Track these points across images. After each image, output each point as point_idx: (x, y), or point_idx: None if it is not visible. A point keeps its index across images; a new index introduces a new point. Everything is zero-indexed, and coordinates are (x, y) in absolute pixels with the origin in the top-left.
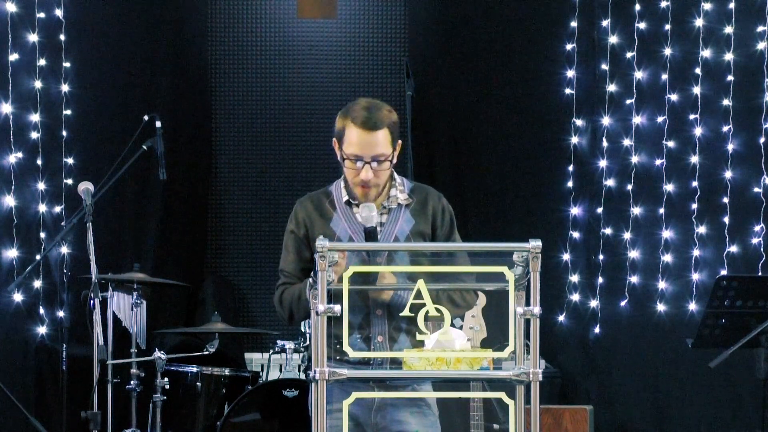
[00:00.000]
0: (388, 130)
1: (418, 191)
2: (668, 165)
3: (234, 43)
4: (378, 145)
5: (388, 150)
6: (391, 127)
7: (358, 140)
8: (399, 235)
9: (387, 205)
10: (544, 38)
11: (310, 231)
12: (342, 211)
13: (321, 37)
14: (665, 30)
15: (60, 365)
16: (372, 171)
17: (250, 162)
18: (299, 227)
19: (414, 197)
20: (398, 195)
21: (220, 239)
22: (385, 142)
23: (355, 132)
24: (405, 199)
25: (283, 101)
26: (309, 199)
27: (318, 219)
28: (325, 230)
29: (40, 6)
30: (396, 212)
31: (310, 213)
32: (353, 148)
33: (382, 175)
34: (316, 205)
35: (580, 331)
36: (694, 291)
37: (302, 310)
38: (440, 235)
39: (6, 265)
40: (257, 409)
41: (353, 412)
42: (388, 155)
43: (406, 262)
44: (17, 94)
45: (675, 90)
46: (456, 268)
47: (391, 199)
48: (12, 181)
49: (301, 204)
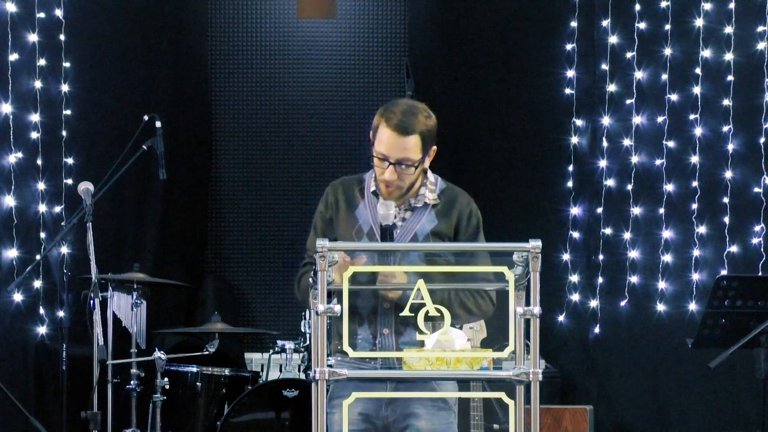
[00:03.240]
0: (419, 137)
1: (448, 192)
2: (668, 165)
3: (234, 43)
4: (406, 150)
5: (417, 156)
6: (425, 133)
7: (387, 141)
8: (419, 233)
9: (414, 203)
10: (544, 38)
11: (335, 215)
12: (368, 201)
13: (321, 37)
14: (665, 30)
15: (60, 365)
16: (396, 173)
17: (250, 162)
18: (327, 209)
19: (442, 198)
20: (427, 194)
21: (220, 239)
22: (415, 148)
23: (386, 132)
24: (433, 198)
25: (283, 101)
26: (341, 184)
27: (344, 205)
28: (349, 217)
29: (40, 6)
30: (421, 211)
31: (338, 197)
32: (382, 147)
33: (406, 178)
34: (345, 191)
35: (580, 331)
36: (694, 291)
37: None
38: (463, 238)
39: (6, 265)
40: (257, 409)
41: (362, 406)
42: (415, 161)
43: (419, 262)
44: (17, 94)
45: (675, 90)
46: (459, 268)
47: (419, 197)
48: (12, 181)
49: (332, 187)
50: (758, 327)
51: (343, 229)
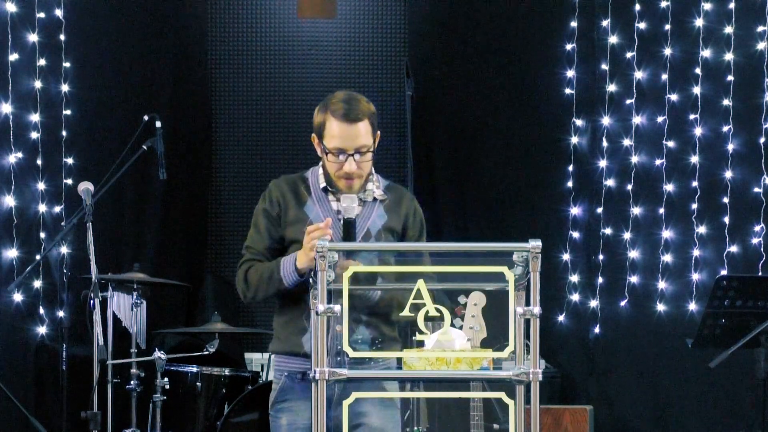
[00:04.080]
0: (368, 121)
1: (393, 189)
2: (668, 165)
3: (234, 43)
4: (360, 137)
5: (369, 141)
6: (371, 118)
7: (340, 133)
8: (371, 229)
9: (363, 198)
10: (544, 38)
11: (284, 211)
12: (317, 197)
13: (321, 37)
14: (665, 30)
15: (60, 365)
16: (355, 163)
17: (250, 162)
18: (273, 206)
19: (389, 195)
20: (374, 189)
21: (220, 239)
22: (366, 133)
23: (336, 125)
24: (380, 194)
25: (283, 101)
26: (284, 181)
27: (292, 201)
28: (299, 213)
29: (40, 6)
30: (370, 206)
31: (285, 194)
32: (335, 141)
33: (365, 166)
34: (291, 187)
35: (580, 331)
36: (694, 291)
37: (272, 288)
38: (411, 236)
39: (6, 265)
40: (257, 409)
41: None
42: (370, 146)
43: (375, 261)
44: (17, 94)
45: (675, 90)
46: (455, 268)
47: (366, 192)
48: (12, 181)
49: (275, 184)
50: (758, 327)
51: (292, 225)
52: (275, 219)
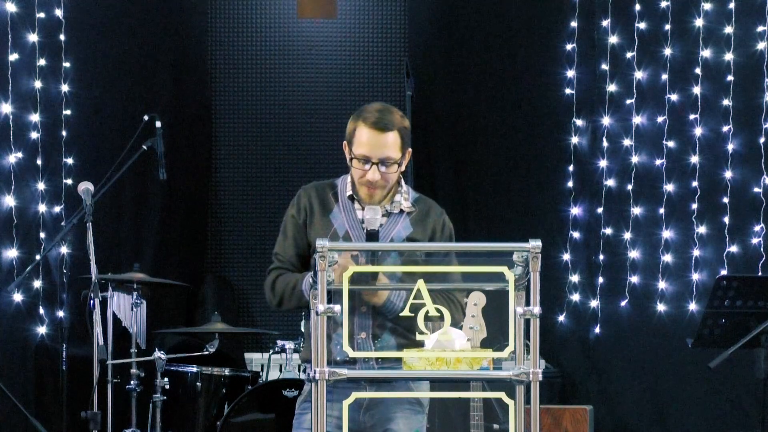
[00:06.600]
0: (398, 134)
1: (421, 202)
2: (668, 165)
3: (234, 43)
4: (387, 147)
5: (397, 154)
6: (402, 131)
7: (368, 140)
8: (395, 239)
9: (389, 209)
10: (544, 38)
11: (309, 219)
12: (343, 205)
13: (321, 37)
14: (665, 30)
15: (60, 365)
16: (379, 173)
17: (250, 162)
18: (300, 213)
19: (417, 207)
20: (402, 201)
21: (220, 239)
22: (395, 145)
23: (365, 132)
24: (408, 206)
25: (283, 101)
26: (314, 188)
27: (319, 209)
28: (324, 222)
29: (40, 6)
30: (396, 217)
31: (312, 201)
32: (362, 148)
33: (389, 178)
34: (319, 195)
35: (580, 331)
36: (694, 291)
37: (294, 300)
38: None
39: (6, 265)
40: (257, 409)
41: (339, 411)
42: (397, 159)
43: (398, 264)
44: (17, 94)
45: (675, 90)
46: (453, 268)
47: (394, 204)
48: (12, 181)
49: (305, 191)
50: (758, 327)
51: (317, 233)
52: (301, 226)
